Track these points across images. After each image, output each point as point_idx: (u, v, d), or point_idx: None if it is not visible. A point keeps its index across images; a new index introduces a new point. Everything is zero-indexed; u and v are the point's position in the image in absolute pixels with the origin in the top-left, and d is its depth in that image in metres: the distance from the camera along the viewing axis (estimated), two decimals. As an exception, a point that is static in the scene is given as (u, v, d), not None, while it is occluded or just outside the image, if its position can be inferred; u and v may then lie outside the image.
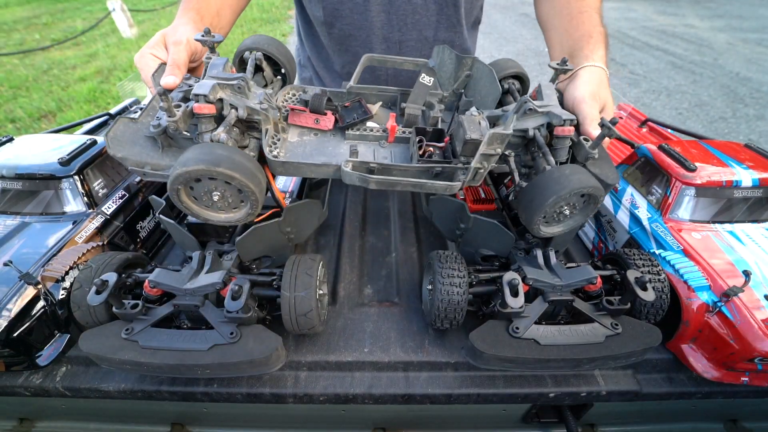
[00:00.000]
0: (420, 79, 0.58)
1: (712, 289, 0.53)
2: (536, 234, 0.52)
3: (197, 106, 0.46)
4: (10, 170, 0.62)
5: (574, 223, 0.52)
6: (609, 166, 0.54)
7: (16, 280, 0.51)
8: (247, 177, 0.43)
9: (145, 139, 0.50)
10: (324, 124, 0.57)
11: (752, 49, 4.74)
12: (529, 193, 0.49)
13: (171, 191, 0.44)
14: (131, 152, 0.48)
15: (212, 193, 0.45)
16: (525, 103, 0.52)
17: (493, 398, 0.54)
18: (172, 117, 0.45)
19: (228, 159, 0.43)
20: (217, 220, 0.48)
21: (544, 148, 0.51)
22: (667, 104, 3.54)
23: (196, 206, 0.47)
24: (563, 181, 0.46)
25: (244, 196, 0.46)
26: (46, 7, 6.89)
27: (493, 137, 0.47)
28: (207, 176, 0.43)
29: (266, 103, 0.51)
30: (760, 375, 0.52)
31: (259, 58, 0.61)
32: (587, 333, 0.50)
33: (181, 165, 0.42)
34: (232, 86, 0.49)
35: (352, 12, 0.82)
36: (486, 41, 5.15)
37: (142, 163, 0.47)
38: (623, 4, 7.01)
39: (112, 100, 3.46)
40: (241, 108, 0.48)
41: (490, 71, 0.59)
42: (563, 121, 0.50)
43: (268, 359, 0.48)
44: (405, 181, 0.49)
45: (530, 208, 0.49)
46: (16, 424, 0.66)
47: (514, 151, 0.54)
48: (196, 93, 0.47)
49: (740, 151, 0.70)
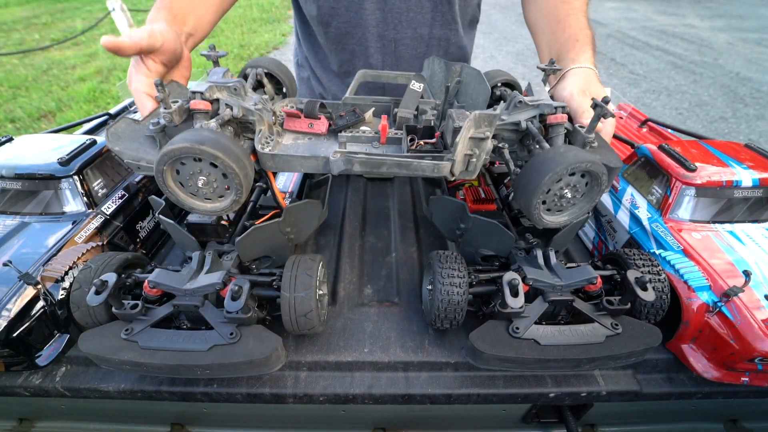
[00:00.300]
0: (410, 85, 0.59)
1: (713, 289, 0.53)
2: (539, 223, 0.48)
3: (193, 102, 0.48)
4: (9, 170, 0.62)
5: (579, 210, 0.49)
6: (610, 151, 0.52)
7: (15, 280, 0.51)
8: (231, 159, 0.43)
9: (145, 138, 0.51)
10: (317, 128, 0.58)
11: (752, 48, 4.74)
12: (525, 176, 0.46)
13: (157, 173, 0.44)
14: (128, 147, 0.49)
15: (198, 177, 0.45)
16: (515, 97, 0.52)
17: (493, 398, 0.54)
18: (167, 108, 0.46)
19: (213, 140, 0.42)
20: (203, 210, 0.48)
21: (538, 136, 0.49)
22: (667, 104, 3.54)
23: (182, 193, 0.47)
24: (558, 158, 0.43)
25: (230, 182, 0.46)
26: (46, 7, 6.89)
27: (479, 118, 0.46)
28: (192, 155, 0.43)
29: (261, 105, 0.52)
30: (761, 375, 0.52)
31: (260, 74, 0.64)
32: (587, 333, 0.50)
33: (168, 144, 0.42)
34: (228, 88, 0.50)
35: (347, 10, 0.82)
36: (486, 41, 5.15)
37: (137, 158, 0.48)
38: (623, 4, 7.01)
39: (112, 100, 3.46)
40: (236, 107, 0.49)
41: (478, 73, 0.60)
42: (554, 108, 0.50)
43: (268, 359, 0.48)
44: (390, 161, 0.48)
45: (527, 191, 0.45)
46: (15, 424, 0.65)
47: (509, 145, 0.53)
48: (193, 90, 0.48)
49: (740, 151, 0.70)
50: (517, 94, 0.52)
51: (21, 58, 4.40)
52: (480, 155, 0.49)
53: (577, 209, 0.49)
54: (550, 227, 0.50)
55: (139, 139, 0.50)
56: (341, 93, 0.97)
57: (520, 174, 0.47)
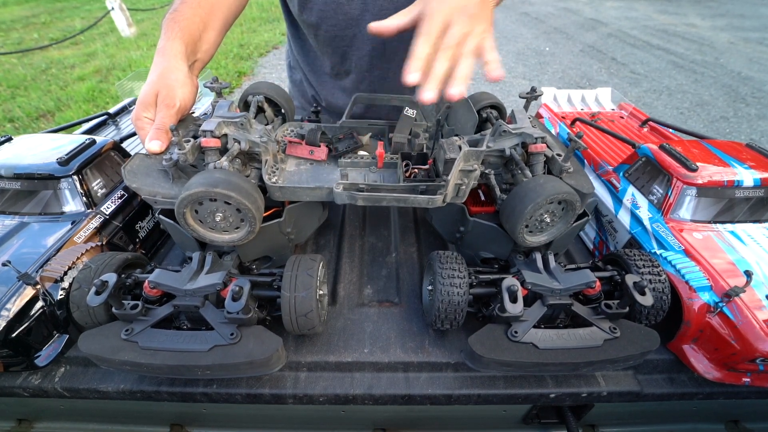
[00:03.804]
0: (404, 112, 0.65)
1: (714, 290, 0.53)
2: (522, 244, 0.54)
3: (204, 141, 0.52)
4: (8, 170, 0.62)
5: (556, 231, 0.54)
6: (584, 177, 0.58)
7: (14, 280, 0.51)
8: (242, 195, 0.47)
9: (158, 172, 0.55)
10: (318, 155, 0.63)
11: (754, 48, 4.74)
12: (510, 203, 0.52)
13: (178, 215, 0.48)
14: (145, 183, 0.53)
15: (215, 214, 0.49)
16: (500, 126, 0.58)
17: (494, 399, 0.54)
18: (182, 150, 0.51)
19: (225, 181, 0.47)
20: (221, 241, 0.52)
21: (521, 163, 0.56)
22: (669, 104, 3.54)
23: (201, 228, 0.51)
24: (538, 189, 0.50)
25: (243, 216, 0.49)
26: (45, 6, 6.88)
27: (467, 154, 0.53)
28: (207, 197, 0.47)
29: (266, 137, 0.56)
30: (762, 375, 0.52)
31: (261, 100, 0.69)
32: (586, 337, 0.50)
33: (185, 190, 0.47)
34: (235, 123, 0.55)
35: (336, 13, 0.82)
36: (486, 40, 5.14)
37: (154, 192, 0.52)
38: (624, 4, 7.01)
39: (111, 100, 3.46)
40: (243, 141, 0.53)
41: (466, 101, 0.67)
42: (535, 139, 0.56)
43: (269, 360, 0.48)
44: (390, 197, 0.53)
45: (512, 218, 0.52)
46: (14, 424, 0.65)
47: (494, 170, 0.59)
48: (204, 129, 0.52)
49: (742, 151, 0.70)
50: (502, 123, 0.58)
51: (20, 58, 4.39)
52: (469, 183, 0.55)
53: (555, 230, 0.55)
54: (532, 246, 0.55)
55: (152, 173, 0.55)
56: (334, 95, 0.98)
57: (506, 201, 0.53)
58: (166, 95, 0.58)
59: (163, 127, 0.56)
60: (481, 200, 0.69)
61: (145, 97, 0.58)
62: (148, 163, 0.56)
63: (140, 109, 0.58)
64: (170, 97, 0.58)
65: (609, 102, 1.15)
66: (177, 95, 0.59)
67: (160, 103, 0.58)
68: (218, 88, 0.64)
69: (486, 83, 3.82)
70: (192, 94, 0.62)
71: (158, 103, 0.59)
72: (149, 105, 0.58)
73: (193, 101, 0.63)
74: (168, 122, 0.57)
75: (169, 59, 0.62)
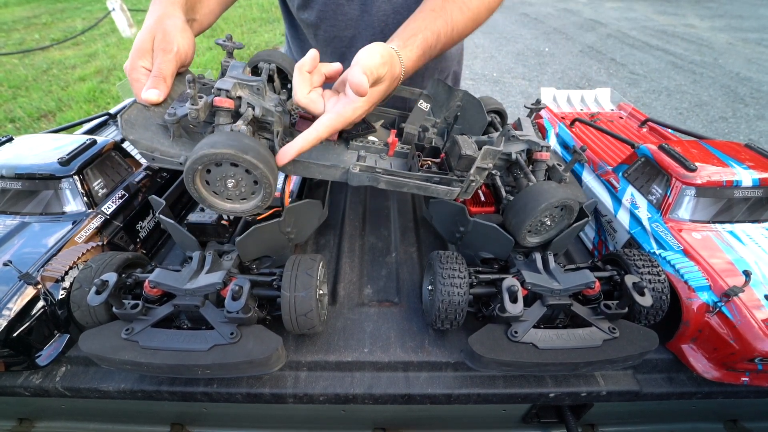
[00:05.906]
0: (418, 104, 0.64)
1: (713, 289, 0.53)
2: (523, 243, 0.56)
3: (218, 99, 0.48)
4: (9, 170, 0.62)
5: (553, 232, 0.57)
6: (577, 188, 0.63)
7: (15, 280, 0.51)
8: (269, 169, 0.45)
9: (157, 126, 0.50)
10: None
11: (752, 48, 4.74)
12: (519, 202, 0.54)
13: (188, 171, 0.44)
14: (143, 136, 0.48)
15: (227, 179, 0.46)
16: (509, 131, 0.60)
17: (493, 398, 0.54)
18: (195, 105, 0.46)
19: (255, 149, 0.44)
20: (222, 209, 0.49)
21: (526, 168, 0.58)
22: (668, 104, 3.54)
23: (205, 191, 0.47)
24: (552, 192, 0.52)
25: (259, 188, 0.47)
26: (46, 7, 6.88)
27: (486, 152, 0.53)
28: (231, 161, 0.44)
29: (281, 107, 0.53)
30: (761, 375, 0.52)
31: (273, 69, 0.65)
32: (585, 337, 0.51)
33: (209, 146, 0.42)
34: (251, 87, 0.51)
35: (335, 14, 0.82)
36: (486, 41, 5.15)
37: (152, 148, 0.48)
38: (623, 4, 7.01)
39: (112, 100, 3.46)
40: (257, 107, 0.50)
41: (479, 102, 0.66)
42: (541, 147, 0.58)
43: (269, 359, 0.48)
44: (412, 183, 0.54)
45: (519, 218, 0.53)
46: (15, 424, 0.65)
47: (498, 172, 0.61)
48: (219, 87, 0.48)
49: (740, 151, 0.70)
50: (511, 128, 0.60)
51: (21, 58, 4.40)
52: (479, 181, 0.56)
53: (553, 232, 0.57)
54: (530, 246, 0.57)
55: (151, 127, 0.50)
56: None
57: (515, 199, 0.55)
58: (163, 39, 0.52)
59: (161, 75, 0.51)
60: (481, 200, 0.69)
61: (141, 44, 0.52)
62: (146, 115, 0.50)
63: (136, 57, 0.51)
64: (167, 41, 0.52)
65: (608, 102, 1.15)
66: (175, 40, 0.53)
67: (157, 48, 0.52)
68: (231, 47, 0.59)
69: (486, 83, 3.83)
70: (191, 44, 0.56)
71: (155, 49, 0.52)
72: (146, 52, 0.52)
73: (193, 53, 0.58)
74: (166, 68, 0.51)
75: (166, 6, 0.57)
